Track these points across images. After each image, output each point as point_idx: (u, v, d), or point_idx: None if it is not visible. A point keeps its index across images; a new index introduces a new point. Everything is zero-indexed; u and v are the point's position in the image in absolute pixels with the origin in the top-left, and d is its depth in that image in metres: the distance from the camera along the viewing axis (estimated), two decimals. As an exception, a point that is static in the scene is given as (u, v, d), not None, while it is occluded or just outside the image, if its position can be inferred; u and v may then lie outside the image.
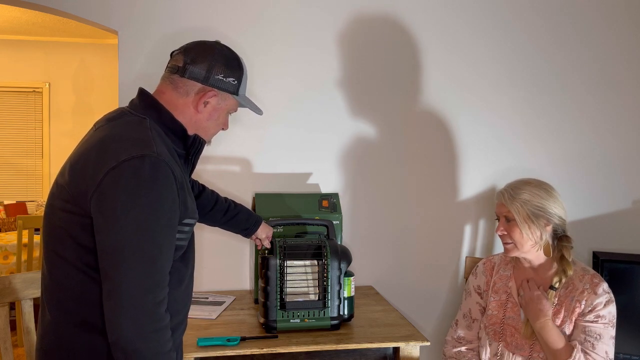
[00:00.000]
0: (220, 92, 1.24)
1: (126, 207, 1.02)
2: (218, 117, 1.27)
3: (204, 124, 1.25)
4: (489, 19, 2.24)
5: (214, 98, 1.23)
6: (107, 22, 1.99)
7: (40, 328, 1.17)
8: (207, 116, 1.24)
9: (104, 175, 1.04)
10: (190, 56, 1.22)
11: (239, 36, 2.08)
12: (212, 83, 1.22)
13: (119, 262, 1.02)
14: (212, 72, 1.22)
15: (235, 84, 1.26)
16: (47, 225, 1.14)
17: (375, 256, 2.22)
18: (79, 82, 5.13)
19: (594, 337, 1.52)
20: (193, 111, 1.23)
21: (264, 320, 1.61)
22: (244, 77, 1.28)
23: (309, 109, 2.14)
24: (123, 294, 1.01)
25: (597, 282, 1.57)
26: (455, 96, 2.23)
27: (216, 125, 1.28)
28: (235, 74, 1.25)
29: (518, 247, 1.64)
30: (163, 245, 1.06)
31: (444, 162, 2.24)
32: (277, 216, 1.91)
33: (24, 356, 2.23)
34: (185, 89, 1.21)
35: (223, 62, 1.23)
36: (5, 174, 5.08)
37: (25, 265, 3.34)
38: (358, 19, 2.16)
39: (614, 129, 2.34)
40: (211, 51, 1.23)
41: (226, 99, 1.26)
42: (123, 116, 1.18)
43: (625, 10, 2.32)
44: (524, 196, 1.62)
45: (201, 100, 1.22)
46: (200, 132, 1.26)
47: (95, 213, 1.04)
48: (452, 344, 1.80)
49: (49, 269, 1.13)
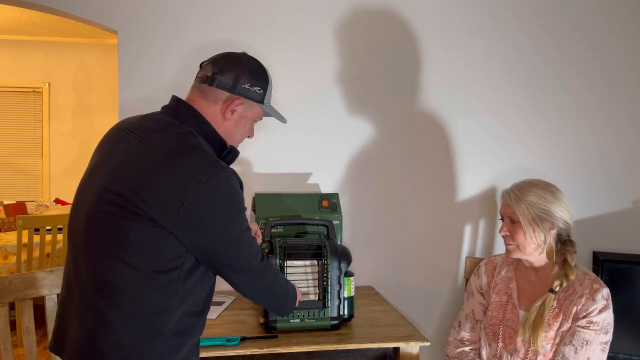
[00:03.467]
0: (247, 100, 1.29)
1: (223, 213, 1.14)
2: (244, 124, 1.32)
3: (231, 131, 1.30)
4: (489, 20, 2.24)
5: (241, 106, 1.29)
6: (107, 22, 1.99)
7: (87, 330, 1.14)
8: (234, 123, 1.30)
9: (193, 191, 1.11)
10: (219, 66, 1.28)
11: (239, 36, 2.08)
12: (239, 92, 1.28)
13: (235, 255, 1.18)
14: (239, 81, 1.27)
15: (261, 93, 1.31)
16: (94, 228, 1.14)
17: (375, 256, 2.22)
18: (79, 82, 5.13)
19: (580, 343, 1.51)
20: (221, 119, 1.28)
21: (264, 320, 1.61)
22: (269, 86, 1.34)
23: (309, 110, 2.14)
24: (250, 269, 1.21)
25: (597, 288, 1.55)
26: (455, 96, 2.24)
27: (242, 133, 1.34)
28: (261, 83, 1.31)
29: (520, 249, 1.62)
30: (252, 238, 1.23)
31: (444, 162, 2.24)
32: (277, 216, 1.91)
33: (24, 356, 2.22)
34: (213, 97, 1.27)
35: (249, 72, 1.29)
36: (5, 174, 5.08)
37: (25, 265, 3.34)
38: (358, 19, 2.16)
39: (614, 129, 2.34)
40: (239, 61, 1.29)
41: (252, 107, 1.31)
42: (170, 127, 1.20)
43: (625, 10, 2.32)
44: (530, 198, 1.59)
45: (229, 108, 1.27)
46: (228, 139, 1.31)
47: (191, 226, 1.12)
48: (454, 345, 1.79)
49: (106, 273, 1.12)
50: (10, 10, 4.28)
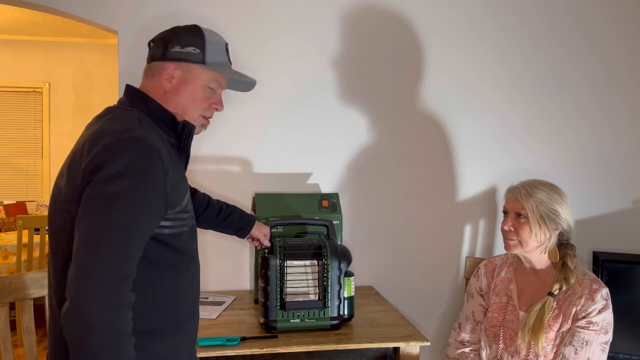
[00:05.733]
0: (181, 63, 1.22)
1: (109, 187, 1.01)
2: (191, 91, 1.23)
3: (179, 102, 1.22)
4: (490, 19, 2.24)
5: (177, 71, 1.22)
6: (107, 22, 1.99)
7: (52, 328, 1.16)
8: (176, 92, 1.22)
9: (88, 162, 1.04)
10: (153, 41, 1.27)
11: (239, 36, 2.08)
12: (170, 57, 1.22)
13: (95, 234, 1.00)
14: (168, 46, 1.22)
15: (197, 52, 1.22)
16: (51, 228, 1.13)
17: (375, 256, 2.22)
18: (79, 82, 5.13)
19: (580, 344, 1.52)
20: (162, 92, 1.22)
21: (264, 320, 1.61)
22: (207, 44, 1.24)
23: (309, 109, 2.14)
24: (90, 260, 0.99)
25: (596, 289, 1.56)
26: (456, 96, 2.23)
27: (194, 102, 1.24)
28: (194, 41, 1.23)
29: (522, 246, 1.62)
30: (140, 225, 1.04)
31: (444, 162, 2.24)
32: (277, 216, 1.91)
33: (24, 356, 2.23)
34: (152, 72, 1.24)
35: (178, 35, 1.23)
36: (5, 174, 5.08)
37: (25, 265, 3.34)
38: (358, 18, 2.16)
39: (615, 129, 2.34)
40: (169, 30, 1.26)
41: (192, 70, 1.23)
42: (111, 112, 1.19)
43: (626, 10, 2.32)
44: (540, 196, 1.60)
45: (163, 77, 1.21)
46: (182, 113, 1.23)
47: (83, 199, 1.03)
48: (455, 346, 1.79)
49: (54, 271, 1.12)
50: (10, 10, 4.28)
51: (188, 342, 1.22)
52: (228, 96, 2.06)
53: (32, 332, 1.59)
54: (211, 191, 2.07)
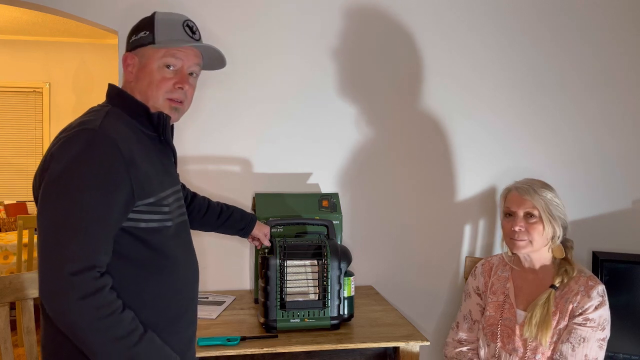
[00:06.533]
0: (137, 50, 1.24)
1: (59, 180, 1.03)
2: (148, 74, 1.21)
3: (142, 89, 1.22)
4: (489, 19, 2.24)
5: (134, 59, 1.23)
6: (107, 22, 1.99)
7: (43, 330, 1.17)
8: (137, 79, 1.22)
9: (43, 161, 1.08)
10: None
11: (240, 36, 2.08)
12: (130, 47, 1.26)
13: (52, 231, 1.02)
14: (130, 39, 1.26)
15: (147, 35, 1.23)
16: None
17: (375, 256, 2.22)
18: (79, 82, 5.13)
19: (577, 341, 1.52)
20: (129, 84, 1.24)
21: (264, 320, 1.61)
22: (156, 23, 1.23)
23: (309, 109, 2.14)
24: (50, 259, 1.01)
25: (592, 285, 1.56)
26: (455, 96, 2.24)
27: (151, 84, 1.21)
28: (146, 27, 1.24)
29: (533, 245, 1.62)
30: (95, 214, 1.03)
31: (443, 162, 2.24)
32: (277, 216, 1.91)
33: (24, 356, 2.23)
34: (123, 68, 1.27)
35: (136, 25, 1.27)
36: (5, 174, 5.08)
37: (25, 265, 3.34)
38: (358, 19, 2.16)
39: (614, 129, 2.34)
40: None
41: (145, 52, 1.22)
42: (88, 111, 1.20)
43: (625, 10, 2.32)
44: (545, 193, 1.61)
45: (126, 70, 1.24)
46: (150, 100, 1.22)
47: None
48: (453, 345, 1.80)
49: None
50: (10, 10, 4.28)
51: (179, 343, 1.20)
52: (228, 96, 2.06)
53: (32, 332, 1.59)
54: (211, 191, 2.07)
